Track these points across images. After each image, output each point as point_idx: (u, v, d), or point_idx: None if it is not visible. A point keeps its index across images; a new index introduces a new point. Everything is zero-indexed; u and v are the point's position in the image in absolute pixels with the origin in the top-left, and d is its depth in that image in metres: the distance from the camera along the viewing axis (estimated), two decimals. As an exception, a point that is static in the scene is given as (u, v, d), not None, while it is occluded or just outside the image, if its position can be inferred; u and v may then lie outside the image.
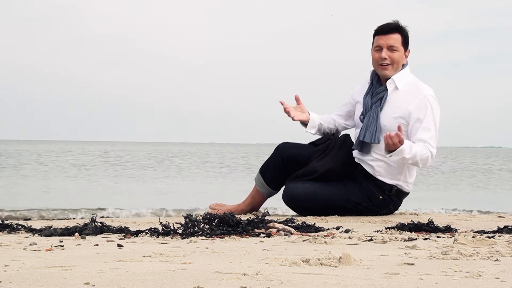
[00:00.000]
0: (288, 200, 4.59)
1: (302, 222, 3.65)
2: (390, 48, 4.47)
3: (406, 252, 2.62)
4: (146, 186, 8.72)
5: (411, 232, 3.42)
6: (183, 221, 3.28)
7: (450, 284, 1.93)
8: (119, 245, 2.76)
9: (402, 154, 4.24)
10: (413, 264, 2.28)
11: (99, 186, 8.54)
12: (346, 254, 2.27)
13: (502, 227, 3.51)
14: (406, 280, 1.98)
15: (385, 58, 4.45)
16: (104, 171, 12.11)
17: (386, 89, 4.49)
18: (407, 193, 4.64)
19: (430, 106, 4.40)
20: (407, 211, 4.79)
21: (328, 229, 3.54)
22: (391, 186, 4.52)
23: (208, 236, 3.10)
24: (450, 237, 3.21)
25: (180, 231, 3.17)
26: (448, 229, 3.52)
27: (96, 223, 3.33)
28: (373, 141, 4.43)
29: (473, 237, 2.91)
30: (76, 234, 3.12)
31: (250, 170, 12.68)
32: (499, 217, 4.60)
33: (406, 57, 4.53)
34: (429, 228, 3.52)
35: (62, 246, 2.75)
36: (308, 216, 4.42)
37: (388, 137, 4.20)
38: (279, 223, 3.49)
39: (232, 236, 3.12)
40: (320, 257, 2.28)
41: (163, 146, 56.75)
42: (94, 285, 1.83)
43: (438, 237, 3.25)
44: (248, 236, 3.16)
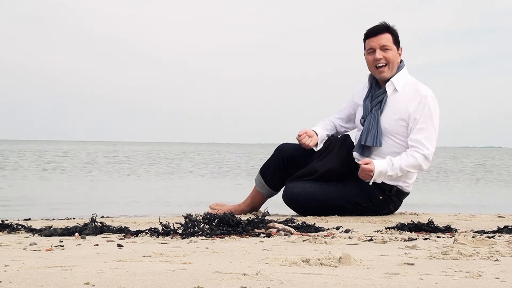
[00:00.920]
0: (288, 200, 4.59)
1: (302, 222, 3.65)
2: (383, 48, 4.47)
3: (406, 252, 2.62)
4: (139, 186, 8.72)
5: (411, 232, 3.42)
6: (183, 221, 3.29)
7: (450, 284, 1.93)
8: (119, 245, 2.76)
9: (383, 175, 4.35)
10: (413, 264, 2.28)
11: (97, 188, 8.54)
12: (346, 254, 2.27)
13: (502, 227, 3.51)
14: (406, 280, 1.98)
15: (380, 59, 4.46)
16: (109, 171, 12.11)
17: (385, 92, 4.50)
18: (407, 193, 4.64)
19: (428, 106, 4.40)
20: (407, 211, 4.79)
21: (328, 229, 3.54)
22: (391, 186, 4.53)
23: (208, 236, 3.10)
24: (450, 237, 3.21)
25: (180, 231, 3.18)
26: (448, 229, 3.52)
27: (96, 223, 3.33)
28: (375, 145, 4.44)
29: (473, 237, 2.91)
30: (76, 234, 3.13)
31: (248, 172, 12.67)
32: (499, 217, 4.60)
33: (399, 55, 4.54)
34: (429, 228, 3.52)
35: (62, 246, 2.75)
36: (308, 216, 4.42)
37: (360, 171, 4.35)
38: (279, 223, 3.49)
39: (232, 236, 3.12)
40: (320, 257, 2.28)
41: (162, 146, 56.74)
42: (94, 285, 1.83)
43: (438, 237, 3.25)
44: (248, 236, 3.16)
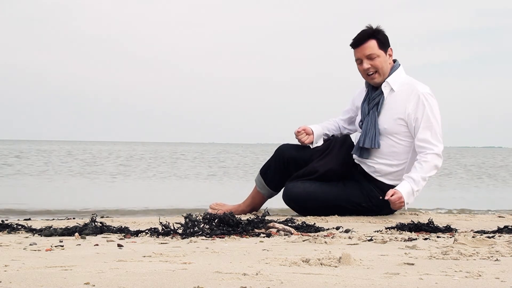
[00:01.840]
0: (288, 200, 4.59)
1: (302, 222, 3.65)
2: (369, 57, 4.46)
3: (406, 252, 2.62)
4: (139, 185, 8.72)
5: (411, 232, 3.42)
6: (183, 221, 3.29)
7: (450, 284, 1.93)
8: (119, 245, 2.76)
9: (412, 195, 4.34)
10: (413, 264, 2.28)
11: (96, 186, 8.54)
12: (346, 254, 2.27)
13: (502, 227, 3.51)
14: (406, 280, 1.98)
15: (368, 68, 4.46)
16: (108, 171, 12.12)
17: (381, 93, 4.50)
18: (407, 193, 4.63)
19: (427, 103, 4.40)
20: (407, 211, 4.79)
21: (328, 229, 3.54)
22: (391, 186, 4.52)
23: (208, 236, 3.10)
24: (450, 237, 3.21)
25: (180, 231, 3.18)
26: (448, 229, 3.52)
27: (96, 223, 3.33)
28: (373, 146, 4.44)
29: (473, 237, 2.91)
30: (76, 234, 3.13)
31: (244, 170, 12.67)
32: (499, 217, 4.60)
33: (390, 56, 4.52)
34: (429, 228, 3.52)
35: (62, 246, 2.75)
36: (308, 216, 4.42)
37: (392, 205, 4.32)
38: (279, 223, 3.49)
39: (232, 236, 3.12)
40: (320, 257, 2.28)
41: (157, 146, 56.73)
42: (94, 285, 1.83)
43: (438, 237, 3.25)
44: (248, 236, 3.16)
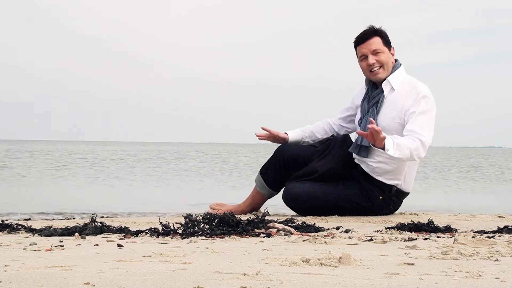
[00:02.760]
0: (288, 200, 4.60)
1: (302, 222, 3.65)
2: (374, 52, 4.48)
3: (406, 252, 2.62)
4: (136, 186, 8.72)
5: (411, 232, 3.42)
6: (183, 221, 3.29)
7: (450, 284, 1.93)
8: (119, 245, 2.76)
9: (393, 145, 4.20)
10: (413, 264, 2.28)
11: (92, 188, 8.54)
12: (346, 254, 2.27)
13: (502, 227, 3.51)
14: (406, 280, 1.98)
15: (374, 63, 4.47)
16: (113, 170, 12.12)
17: (382, 92, 4.50)
18: (407, 193, 4.64)
19: (423, 101, 4.40)
20: (407, 211, 4.79)
21: (328, 229, 3.54)
22: (391, 186, 4.53)
23: (208, 236, 3.10)
24: (450, 237, 3.21)
25: (180, 231, 3.18)
26: (448, 229, 3.52)
27: (96, 223, 3.33)
28: (371, 144, 4.43)
29: (473, 237, 2.91)
30: (76, 234, 3.12)
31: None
32: (499, 217, 4.60)
33: (393, 55, 4.55)
34: (429, 228, 3.52)
35: (62, 246, 2.75)
36: (308, 216, 4.42)
37: (370, 134, 4.18)
38: (279, 223, 3.49)
39: (232, 236, 3.12)
40: (320, 257, 2.28)
41: (157, 146, 56.70)
42: (94, 285, 1.83)
43: (438, 237, 3.25)
44: (248, 236, 3.16)
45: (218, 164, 16.53)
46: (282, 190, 4.67)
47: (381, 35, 4.52)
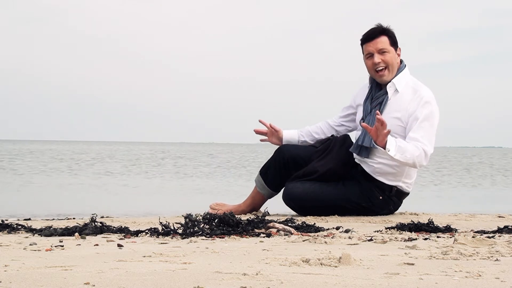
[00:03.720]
0: (288, 200, 4.60)
1: (302, 222, 3.65)
2: (381, 52, 4.48)
3: (406, 252, 2.62)
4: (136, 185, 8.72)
5: (411, 232, 3.42)
6: (183, 221, 3.29)
7: (450, 284, 1.93)
8: (119, 245, 2.76)
9: (395, 146, 4.22)
10: (413, 264, 2.28)
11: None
12: (346, 254, 2.27)
13: (502, 227, 3.51)
14: (406, 280, 1.98)
15: (379, 62, 4.47)
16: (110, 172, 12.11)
17: (386, 93, 4.50)
18: (407, 194, 4.64)
19: (427, 107, 4.40)
20: (407, 211, 4.79)
21: (328, 229, 3.54)
22: (391, 186, 4.53)
23: (208, 236, 3.10)
24: (450, 237, 3.21)
25: (180, 231, 3.18)
26: (448, 229, 3.52)
27: (96, 223, 3.33)
28: (373, 145, 4.43)
29: (473, 237, 2.91)
30: (76, 234, 3.13)
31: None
32: (499, 217, 4.60)
33: (398, 56, 4.55)
34: (429, 228, 3.52)
35: (62, 246, 2.75)
36: (308, 216, 4.42)
37: (374, 129, 4.19)
38: (279, 223, 3.49)
39: (232, 236, 3.12)
40: (320, 257, 2.28)
41: (158, 146, 56.71)
42: (94, 285, 1.83)
43: (438, 237, 3.25)
44: (248, 236, 3.16)
45: (218, 164, 16.53)
46: (282, 190, 4.67)
47: (389, 34, 4.52)
